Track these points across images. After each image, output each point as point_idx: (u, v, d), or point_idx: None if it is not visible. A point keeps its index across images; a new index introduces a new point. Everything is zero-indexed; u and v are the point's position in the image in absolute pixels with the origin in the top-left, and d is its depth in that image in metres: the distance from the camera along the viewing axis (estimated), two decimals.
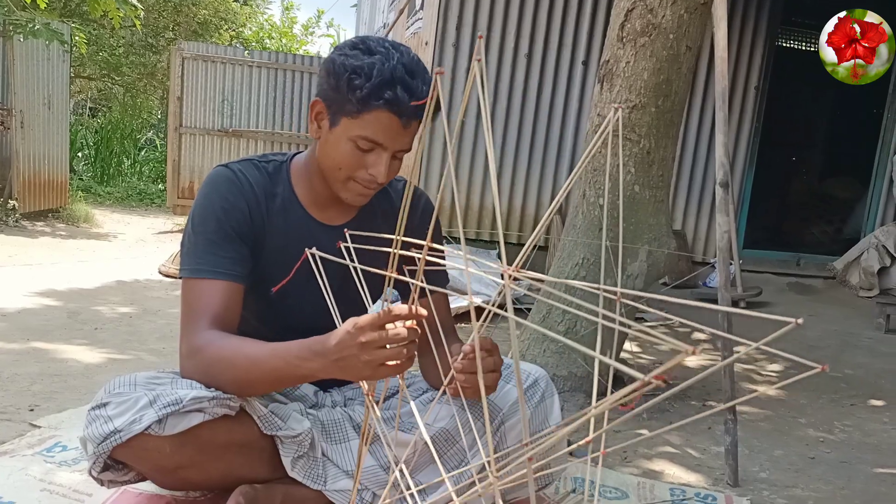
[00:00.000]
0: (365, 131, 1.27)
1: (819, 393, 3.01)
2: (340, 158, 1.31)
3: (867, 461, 2.23)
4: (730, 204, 2.05)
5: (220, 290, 1.30)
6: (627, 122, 2.52)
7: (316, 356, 1.13)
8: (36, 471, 1.57)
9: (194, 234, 1.33)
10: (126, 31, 11.50)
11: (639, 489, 1.80)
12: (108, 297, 3.83)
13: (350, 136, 1.28)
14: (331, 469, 1.39)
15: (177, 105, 8.39)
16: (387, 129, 1.27)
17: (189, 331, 1.28)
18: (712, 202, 5.26)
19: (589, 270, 2.59)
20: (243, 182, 1.37)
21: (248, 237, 1.36)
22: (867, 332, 4.28)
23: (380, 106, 1.24)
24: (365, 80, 1.23)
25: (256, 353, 1.21)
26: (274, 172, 1.43)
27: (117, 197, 9.94)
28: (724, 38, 2.10)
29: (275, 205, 1.40)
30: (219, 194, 1.35)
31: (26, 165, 6.58)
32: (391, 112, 1.25)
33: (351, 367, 1.09)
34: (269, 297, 1.42)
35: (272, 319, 1.45)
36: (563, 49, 5.11)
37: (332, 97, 1.28)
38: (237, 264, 1.33)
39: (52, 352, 2.65)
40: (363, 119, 1.26)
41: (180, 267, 1.35)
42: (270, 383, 1.26)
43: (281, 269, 1.41)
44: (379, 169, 1.30)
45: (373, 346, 1.06)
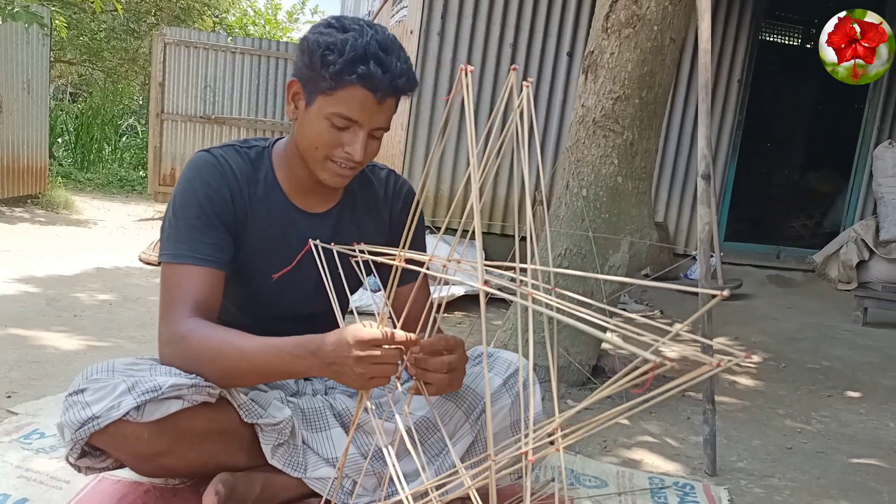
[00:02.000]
0: (339, 108, 1.26)
1: (797, 384, 3.05)
2: (317, 137, 1.30)
3: (843, 451, 2.26)
4: (711, 196, 2.06)
5: (202, 277, 1.29)
6: (611, 113, 2.53)
7: (310, 356, 1.13)
8: (13, 458, 1.55)
9: (175, 219, 1.32)
10: (107, 15, 11.33)
11: (618, 478, 1.82)
12: (87, 284, 3.79)
13: (325, 114, 1.27)
14: (311, 457, 1.39)
15: (158, 91, 8.30)
16: (361, 106, 1.26)
17: (170, 317, 1.26)
18: (694, 194, 5.29)
19: (571, 261, 2.60)
20: (225, 168, 1.36)
21: (230, 224, 1.35)
22: (845, 324, 4.34)
23: (353, 81, 1.23)
24: (338, 55, 1.22)
25: (247, 346, 1.20)
26: (256, 158, 1.41)
27: (98, 183, 9.82)
28: (707, 31, 2.10)
29: (257, 191, 1.39)
30: (201, 180, 1.33)
31: (5, 150, 6.48)
32: (365, 88, 1.24)
33: (343, 374, 1.11)
34: (251, 286, 1.42)
35: (252, 308, 1.45)
36: (548, 39, 5.10)
37: (307, 75, 1.28)
38: (219, 251, 1.32)
39: (31, 338, 2.62)
40: (337, 96, 1.25)
41: (160, 252, 1.33)
42: (259, 376, 1.25)
43: (262, 257, 1.40)
44: (355, 147, 1.29)
45: (367, 362, 1.09)
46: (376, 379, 1.11)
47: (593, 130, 2.56)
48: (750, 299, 4.84)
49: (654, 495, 1.73)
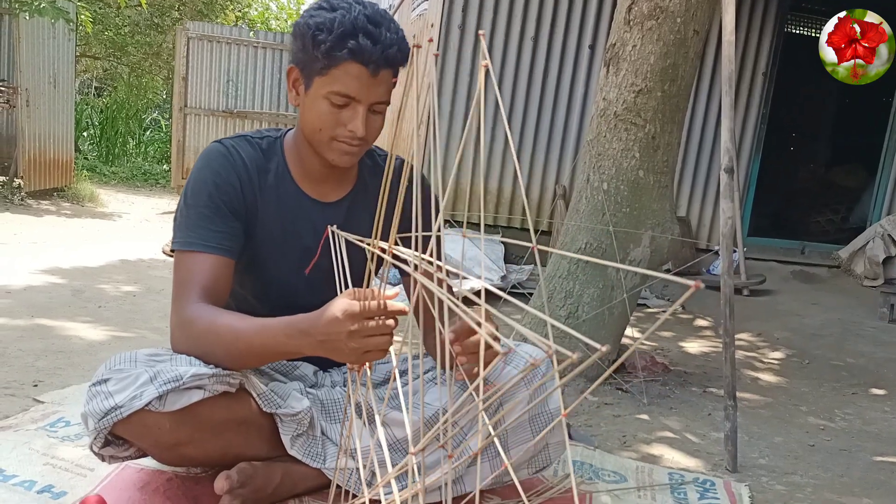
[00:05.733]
0: (335, 86, 1.28)
1: (821, 381, 3.01)
2: (318, 119, 1.31)
3: (867, 449, 2.23)
4: (735, 190, 2.04)
5: (210, 264, 1.31)
6: (633, 106, 2.51)
7: (302, 335, 1.14)
8: (39, 445, 1.58)
9: (186, 208, 1.34)
10: (132, 10, 11.46)
11: (637, 473, 1.81)
12: (112, 276, 3.84)
13: (324, 94, 1.29)
14: (330, 448, 1.40)
15: (182, 85, 8.37)
16: (356, 81, 1.27)
17: (179, 303, 1.30)
18: (717, 188, 5.23)
19: (591, 255, 2.58)
20: (235, 157, 1.38)
21: (239, 213, 1.36)
22: (870, 321, 4.27)
23: (345, 57, 1.25)
24: (328, 34, 1.24)
25: (244, 328, 1.22)
26: (268, 148, 1.43)
27: (122, 177, 9.95)
28: (731, 22, 2.08)
29: (267, 181, 1.41)
30: (210, 169, 1.36)
31: (31, 144, 6.58)
32: (357, 62, 1.26)
33: (336, 350, 1.10)
34: (264, 275, 1.43)
35: (268, 298, 1.46)
36: (569, 32, 5.07)
37: (303, 59, 1.30)
38: (227, 238, 1.33)
39: (57, 329, 2.66)
40: (332, 74, 1.27)
41: (172, 239, 1.36)
42: (258, 357, 1.26)
43: (273, 246, 1.41)
44: (356, 123, 1.30)
45: (360, 335, 1.07)
46: (372, 352, 1.09)
47: (615, 124, 2.54)
48: (773, 295, 4.79)
49: (674, 491, 1.72)
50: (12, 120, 6.77)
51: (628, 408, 2.39)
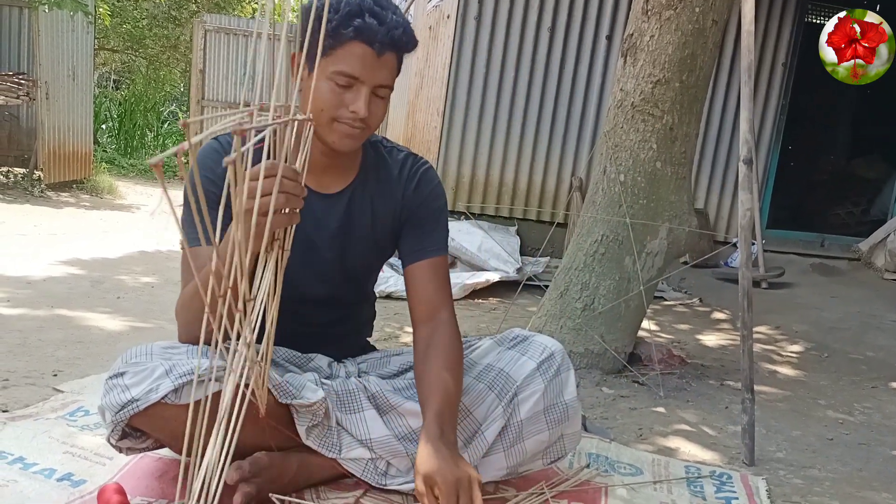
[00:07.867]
0: (339, 66, 1.27)
1: (840, 375, 2.98)
2: (321, 99, 1.30)
3: (886, 443, 2.21)
4: (753, 182, 2.02)
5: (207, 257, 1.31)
6: (650, 97, 2.49)
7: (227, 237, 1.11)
8: (58, 433, 1.60)
9: (185, 205, 1.35)
10: (149, 3, 11.52)
11: (653, 466, 1.80)
12: (130, 267, 3.88)
13: (328, 74, 1.28)
14: (345, 438, 1.40)
15: (199, 78, 8.42)
16: (361, 61, 1.27)
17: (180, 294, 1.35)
18: (736, 180, 5.18)
19: (608, 247, 2.57)
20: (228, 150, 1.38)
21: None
22: (891, 314, 4.22)
23: (350, 36, 1.25)
24: (334, 13, 1.25)
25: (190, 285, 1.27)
26: None
27: (140, 169, 10.01)
28: (751, 12, 2.05)
29: None
30: (203, 166, 1.36)
31: (51, 136, 6.64)
32: (362, 42, 1.26)
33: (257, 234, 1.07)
34: None
35: None
36: (586, 23, 5.03)
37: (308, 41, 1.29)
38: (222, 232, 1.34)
39: (76, 319, 2.69)
40: (337, 54, 1.27)
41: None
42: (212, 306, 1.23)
43: None
44: (359, 104, 1.29)
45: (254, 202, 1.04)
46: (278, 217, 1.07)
47: (632, 115, 2.52)
48: (792, 288, 4.75)
49: (691, 484, 1.71)
50: (32, 113, 6.84)
51: (644, 400, 2.38)
